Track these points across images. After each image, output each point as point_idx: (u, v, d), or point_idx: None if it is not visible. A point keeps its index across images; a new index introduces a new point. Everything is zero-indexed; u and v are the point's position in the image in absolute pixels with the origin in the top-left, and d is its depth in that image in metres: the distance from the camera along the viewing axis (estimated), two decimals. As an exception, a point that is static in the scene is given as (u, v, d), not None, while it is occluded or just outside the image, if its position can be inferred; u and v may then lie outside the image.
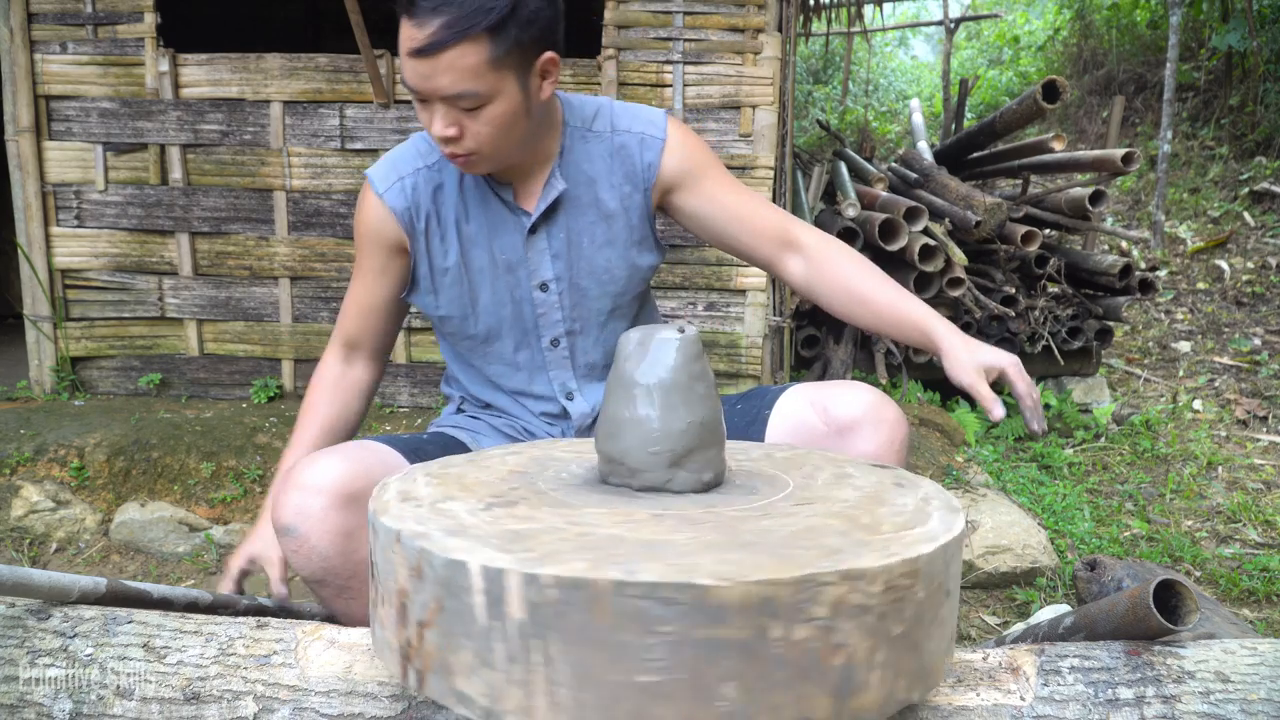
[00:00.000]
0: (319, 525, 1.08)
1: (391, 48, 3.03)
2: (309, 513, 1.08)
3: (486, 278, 1.35)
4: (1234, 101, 6.60)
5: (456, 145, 1.21)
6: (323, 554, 1.09)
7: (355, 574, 1.12)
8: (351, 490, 1.10)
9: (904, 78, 10.68)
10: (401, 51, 1.17)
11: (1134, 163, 3.48)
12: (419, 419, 2.94)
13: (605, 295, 1.38)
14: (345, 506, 1.09)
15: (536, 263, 1.34)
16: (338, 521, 1.08)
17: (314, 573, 1.11)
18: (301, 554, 1.09)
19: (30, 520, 2.40)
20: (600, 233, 1.35)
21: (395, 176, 1.34)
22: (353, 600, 1.14)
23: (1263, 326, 4.68)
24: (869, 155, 4.81)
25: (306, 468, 1.11)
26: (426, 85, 1.16)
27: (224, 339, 3.11)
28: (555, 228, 1.34)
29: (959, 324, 3.45)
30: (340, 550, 1.09)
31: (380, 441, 1.25)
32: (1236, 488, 2.95)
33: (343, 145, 2.95)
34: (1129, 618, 0.96)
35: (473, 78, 1.14)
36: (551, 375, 1.41)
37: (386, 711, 0.89)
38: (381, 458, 1.19)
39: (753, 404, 1.36)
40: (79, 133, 2.99)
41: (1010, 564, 2.24)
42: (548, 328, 1.38)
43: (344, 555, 1.10)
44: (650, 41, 2.88)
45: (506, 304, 1.36)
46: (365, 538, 1.10)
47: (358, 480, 1.11)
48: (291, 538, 1.09)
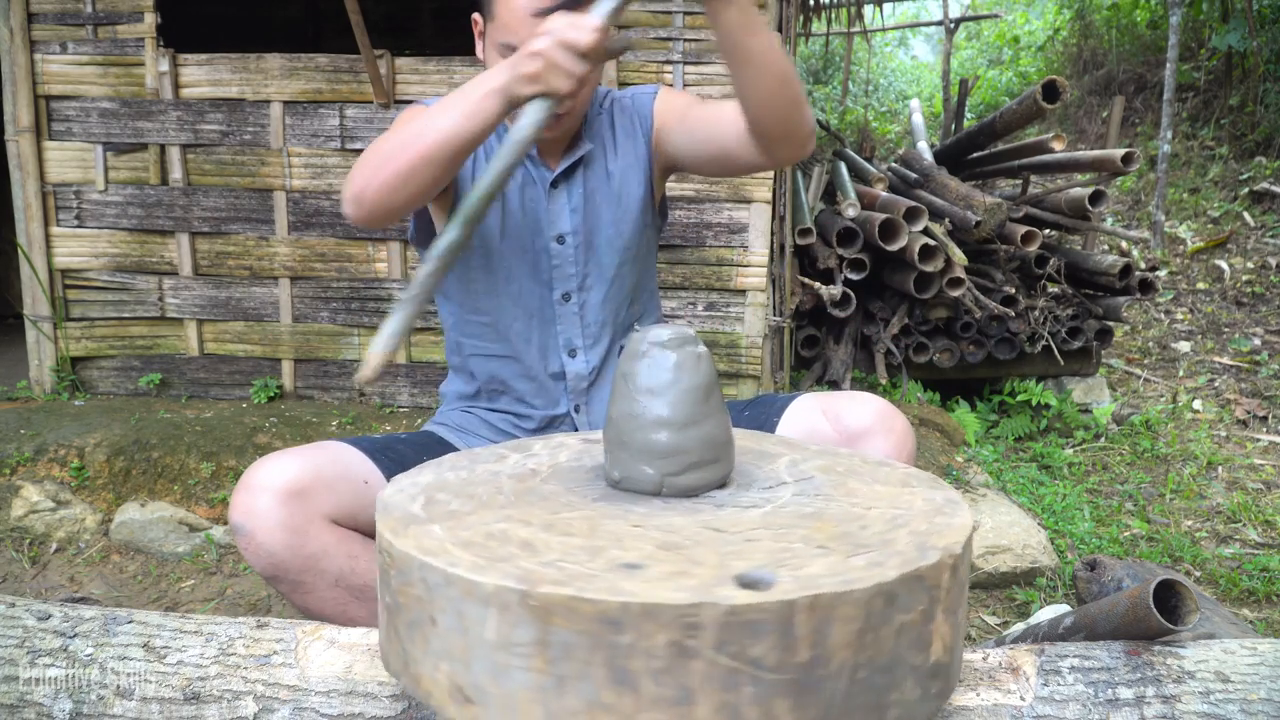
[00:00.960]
0: (264, 523, 1.12)
1: (391, 48, 3.05)
2: (255, 511, 1.13)
3: (515, 220, 1.42)
4: (1234, 101, 6.59)
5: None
6: (270, 550, 1.13)
7: (307, 569, 1.15)
8: (297, 488, 1.14)
9: (904, 78, 10.68)
10: (510, 12, 1.27)
11: (1134, 163, 3.48)
12: (419, 419, 2.94)
13: (614, 251, 1.46)
14: (290, 503, 1.13)
15: (556, 214, 1.43)
16: (282, 518, 1.12)
17: (265, 569, 1.15)
18: (251, 551, 1.14)
19: (30, 520, 2.40)
20: (611, 191, 1.45)
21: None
22: (309, 595, 1.17)
23: (1263, 326, 4.68)
24: (869, 155, 4.81)
25: (257, 468, 1.16)
26: None
27: (224, 339, 3.11)
28: (574, 184, 1.44)
29: (959, 324, 3.45)
30: (287, 546, 1.13)
31: (343, 442, 1.28)
32: (1236, 488, 2.95)
33: (343, 145, 2.95)
34: (1129, 618, 0.96)
35: None
36: (559, 329, 1.46)
37: (386, 711, 0.89)
38: (335, 455, 1.23)
39: (761, 411, 1.40)
40: (79, 133, 2.99)
41: (1010, 564, 2.24)
42: (560, 281, 1.44)
43: (292, 550, 1.13)
44: (650, 41, 2.88)
45: (528, 251, 1.42)
46: (313, 534, 1.14)
47: (304, 478, 1.15)
48: (241, 535, 1.14)
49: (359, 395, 3.12)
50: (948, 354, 3.51)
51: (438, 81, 2.92)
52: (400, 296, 1.07)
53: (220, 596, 2.19)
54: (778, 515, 0.87)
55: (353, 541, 1.19)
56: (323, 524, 1.15)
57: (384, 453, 1.29)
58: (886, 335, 3.44)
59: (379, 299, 3.04)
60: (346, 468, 1.22)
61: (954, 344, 3.49)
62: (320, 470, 1.17)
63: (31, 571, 2.29)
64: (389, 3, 5.37)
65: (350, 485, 1.21)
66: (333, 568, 1.16)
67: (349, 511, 1.19)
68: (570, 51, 1.08)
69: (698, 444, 0.91)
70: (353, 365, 3.09)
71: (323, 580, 1.16)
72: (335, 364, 3.11)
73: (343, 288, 3.04)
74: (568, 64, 1.08)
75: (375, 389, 3.10)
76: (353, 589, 1.18)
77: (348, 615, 1.18)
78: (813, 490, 0.94)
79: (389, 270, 3.02)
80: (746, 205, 2.92)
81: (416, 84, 2.92)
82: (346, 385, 3.12)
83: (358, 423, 2.87)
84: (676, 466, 0.91)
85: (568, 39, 1.08)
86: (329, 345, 3.09)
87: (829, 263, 3.39)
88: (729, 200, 2.93)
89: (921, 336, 3.47)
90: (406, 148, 1.17)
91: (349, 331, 3.08)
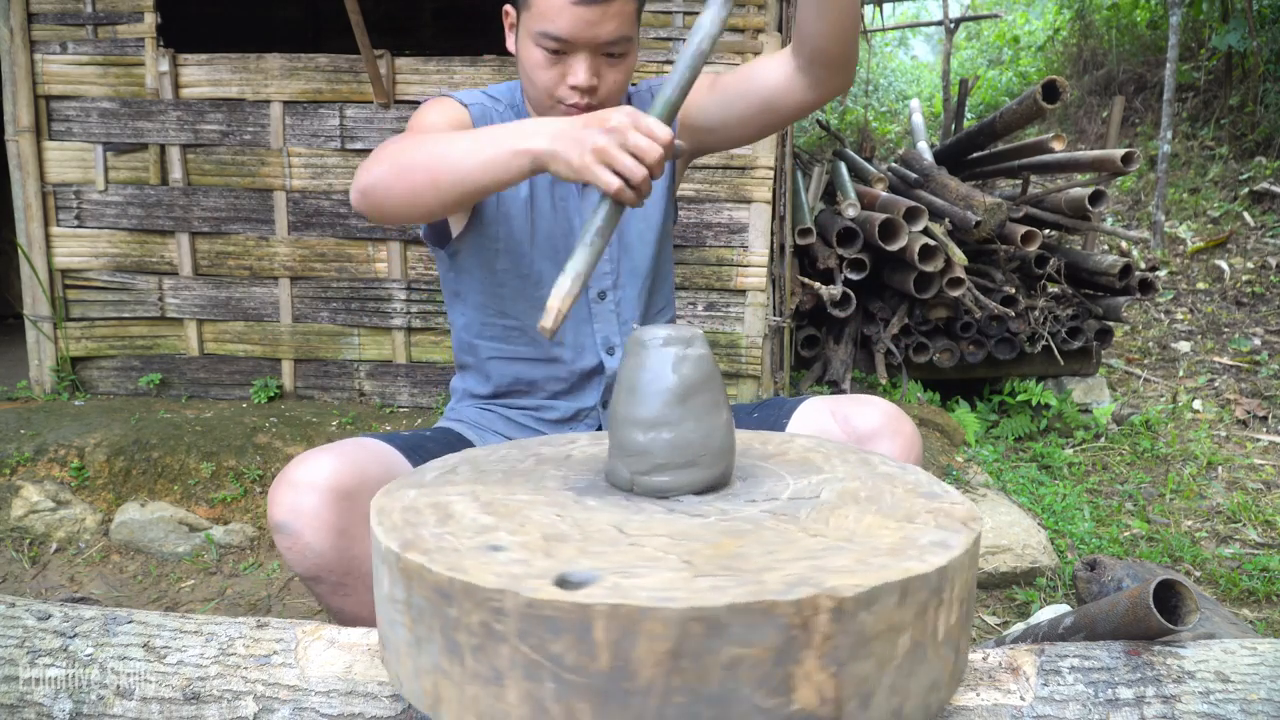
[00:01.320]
0: (312, 522, 1.08)
1: (391, 48, 3.05)
2: (302, 510, 1.08)
3: (546, 221, 1.40)
4: (1234, 101, 6.59)
5: (592, 96, 1.30)
6: (317, 551, 1.09)
7: (350, 570, 1.12)
8: (346, 487, 1.10)
9: (904, 78, 10.68)
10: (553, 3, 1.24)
11: (1134, 163, 3.48)
12: (419, 419, 2.94)
13: (646, 244, 1.45)
14: (339, 503, 1.09)
15: (589, 212, 1.40)
16: (331, 519, 1.09)
17: (308, 570, 1.11)
18: (295, 551, 1.10)
19: (30, 520, 2.40)
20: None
21: (476, 99, 1.40)
22: (349, 597, 1.14)
23: (1263, 326, 4.68)
24: (869, 155, 4.81)
25: (300, 465, 1.11)
26: (590, 32, 1.25)
27: (224, 339, 3.11)
28: None
29: (959, 324, 3.45)
30: (334, 547, 1.09)
31: (377, 439, 1.25)
32: (1236, 488, 2.95)
33: (343, 145, 2.95)
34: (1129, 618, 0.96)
35: (629, 24, 1.30)
36: (596, 328, 1.44)
37: (386, 711, 0.89)
38: (376, 455, 1.20)
39: (769, 414, 1.39)
40: (79, 133, 2.99)
41: (1010, 564, 2.24)
42: (596, 279, 1.43)
43: (338, 552, 1.10)
44: (650, 41, 2.88)
45: (560, 252, 1.40)
46: (359, 535, 1.11)
47: (352, 477, 1.11)
48: (285, 535, 1.10)
49: (359, 395, 3.12)
50: (948, 354, 3.51)
51: (438, 82, 2.92)
52: (582, 236, 1.00)
53: (220, 596, 2.19)
54: (709, 529, 0.82)
55: None
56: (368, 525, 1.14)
57: (416, 450, 1.27)
58: (886, 335, 3.45)
59: (379, 299, 3.04)
60: (388, 467, 1.19)
61: (954, 344, 3.49)
62: (365, 470, 1.14)
63: (31, 571, 2.29)
64: (389, 3, 5.37)
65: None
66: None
67: None
68: (649, 140, 0.99)
69: (665, 446, 0.90)
70: (352, 365, 3.10)
71: (364, 583, 1.13)
72: (335, 364, 3.11)
73: (343, 288, 3.04)
74: (648, 151, 0.99)
75: (375, 389, 3.10)
76: None
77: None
78: (791, 510, 0.88)
79: (389, 270, 3.02)
80: (746, 205, 2.92)
81: (417, 84, 2.92)
82: (346, 385, 3.12)
83: (358, 423, 2.87)
84: (644, 466, 0.91)
85: (646, 126, 0.99)
86: (329, 345, 3.09)
87: (829, 263, 3.39)
88: (729, 200, 2.93)
89: (921, 336, 3.47)
90: (425, 169, 1.12)
91: (349, 331, 3.08)
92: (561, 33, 1.24)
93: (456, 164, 1.10)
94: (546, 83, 1.30)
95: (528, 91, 1.37)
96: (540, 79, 1.30)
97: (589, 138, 1.00)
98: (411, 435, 1.32)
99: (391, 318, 3.05)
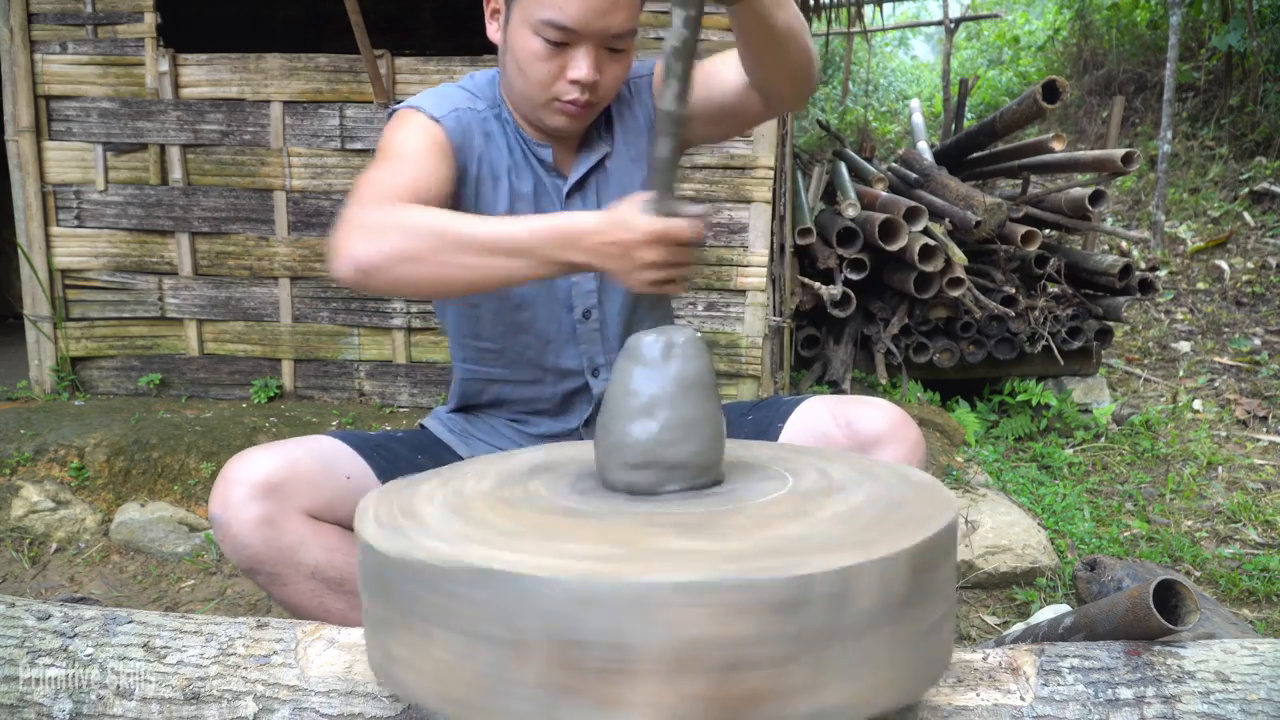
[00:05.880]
0: (238, 515, 1.12)
1: (391, 48, 3.05)
2: (230, 504, 1.13)
3: None
4: (1234, 101, 6.59)
5: (593, 93, 1.24)
6: (245, 543, 1.13)
7: (283, 561, 1.15)
8: (273, 481, 1.13)
9: (904, 78, 10.69)
10: None
11: (1134, 163, 3.48)
12: (419, 419, 2.94)
13: None
14: (265, 497, 1.12)
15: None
16: (257, 511, 1.12)
17: (242, 561, 1.15)
18: (227, 543, 1.14)
19: (30, 520, 2.40)
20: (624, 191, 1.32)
21: (450, 108, 1.29)
22: (285, 587, 1.17)
23: (1263, 326, 4.68)
24: (869, 155, 4.81)
25: (233, 464, 1.16)
26: (600, 22, 1.19)
27: (224, 339, 3.11)
28: (588, 193, 1.36)
29: (959, 324, 3.45)
30: (263, 539, 1.13)
31: (335, 437, 1.27)
32: (1236, 488, 2.95)
33: (343, 145, 2.95)
34: (1129, 618, 0.96)
35: (635, 17, 1.23)
36: (581, 349, 1.39)
37: (386, 711, 0.89)
38: (317, 450, 1.21)
39: (765, 414, 1.37)
40: (79, 133, 2.99)
41: (1010, 564, 2.24)
42: (580, 298, 1.37)
43: (266, 543, 1.13)
44: (650, 41, 2.88)
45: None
46: (288, 527, 1.14)
47: (280, 472, 1.14)
48: (217, 527, 1.15)
49: (359, 395, 3.12)
50: (948, 354, 3.51)
51: (438, 81, 2.91)
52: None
53: (220, 596, 2.19)
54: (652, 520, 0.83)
55: (330, 534, 1.17)
56: (298, 517, 1.14)
57: (376, 450, 1.28)
58: (886, 335, 3.44)
59: (379, 299, 3.04)
60: (328, 462, 1.21)
61: (954, 344, 3.49)
62: (297, 464, 1.16)
63: (31, 571, 2.29)
64: (389, 3, 5.37)
65: (331, 480, 1.19)
66: (309, 560, 1.15)
67: (328, 505, 1.17)
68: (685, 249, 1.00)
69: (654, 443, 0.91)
70: (352, 365, 3.09)
71: (298, 573, 1.15)
72: (335, 364, 3.10)
73: (342, 288, 3.04)
74: (689, 256, 1.00)
75: (375, 389, 3.09)
76: (329, 581, 1.17)
77: (324, 607, 1.18)
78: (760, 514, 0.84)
79: (389, 270, 3.01)
80: (746, 205, 2.92)
81: (417, 84, 2.92)
82: (346, 385, 3.12)
83: (358, 422, 2.87)
84: (613, 463, 0.93)
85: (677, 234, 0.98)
86: (329, 345, 3.09)
87: (829, 263, 3.39)
88: (729, 200, 2.93)
89: (921, 336, 3.47)
90: (444, 265, 1.03)
91: (349, 331, 3.08)
92: (569, 21, 1.16)
93: (488, 269, 1.03)
94: (543, 76, 1.22)
95: (514, 84, 1.27)
96: (536, 72, 1.21)
97: (639, 255, 0.98)
98: (377, 435, 1.33)
99: (391, 318, 3.05)
